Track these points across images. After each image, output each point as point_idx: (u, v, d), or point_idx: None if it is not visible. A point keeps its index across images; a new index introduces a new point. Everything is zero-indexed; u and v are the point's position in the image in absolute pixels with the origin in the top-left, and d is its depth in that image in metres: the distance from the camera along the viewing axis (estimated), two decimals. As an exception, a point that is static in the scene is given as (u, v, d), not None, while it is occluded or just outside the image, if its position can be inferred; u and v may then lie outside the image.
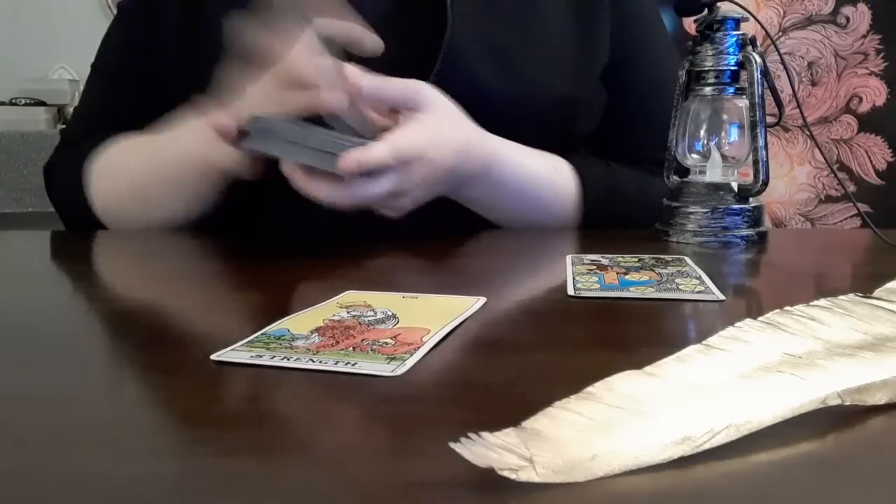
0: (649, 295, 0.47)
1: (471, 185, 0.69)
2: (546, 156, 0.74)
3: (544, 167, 0.74)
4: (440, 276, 0.60)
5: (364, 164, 0.57)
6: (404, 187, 0.61)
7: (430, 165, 0.62)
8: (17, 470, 0.25)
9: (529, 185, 0.72)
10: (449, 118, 0.66)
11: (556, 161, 0.75)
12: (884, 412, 0.29)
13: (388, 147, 0.59)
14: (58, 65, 2.44)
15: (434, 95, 0.64)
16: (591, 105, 0.81)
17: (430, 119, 0.63)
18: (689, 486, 0.24)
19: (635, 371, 0.28)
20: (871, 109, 1.16)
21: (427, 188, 0.64)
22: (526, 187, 0.72)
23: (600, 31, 0.79)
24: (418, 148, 0.61)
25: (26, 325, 0.44)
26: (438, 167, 0.63)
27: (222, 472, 0.25)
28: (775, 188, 1.19)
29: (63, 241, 0.77)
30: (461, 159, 0.65)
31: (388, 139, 0.59)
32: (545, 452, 0.24)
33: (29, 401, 0.32)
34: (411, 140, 0.61)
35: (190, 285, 0.56)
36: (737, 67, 0.68)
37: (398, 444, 0.27)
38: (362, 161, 0.56)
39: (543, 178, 0.74)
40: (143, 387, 0.35)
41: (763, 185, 0.66)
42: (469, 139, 0.67)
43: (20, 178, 1.91)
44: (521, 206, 0.73)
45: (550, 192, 0.74)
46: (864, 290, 0.38)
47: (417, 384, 0.33)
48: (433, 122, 0.63)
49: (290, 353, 0.36)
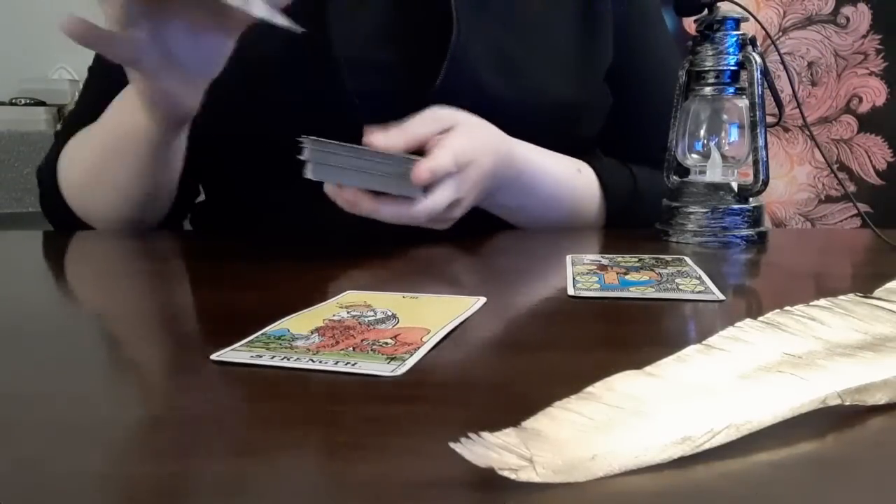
0: (649, 295, 0.47)
1: (504, 191, 0.70)
2: (569, 159, 0.75)
3: (568, 171, 0.75)
4: (440, 276, 0.60)
5: (436, 171, 0.58)
6: (461, 195, 0.63)
7: (480, 170, 0.64)
8: (17, 470, 0.25)
9: (556, 189, 0.73)
10: (481, 126, 0.67)
11: (579, 164, 0.76)
12: (884, 412, 0.29)
13: (450, 153, 0.60)
14: (58, 65, 2.44)
15: (456, 111, 0.65)
16: (596, 108, 0.81)
17: (467, 129, 0.64)
18: (689, 486, 0.24)
19: (635, 371, 0.28)
20: (871, 109, 1.16)
21: (475, 194, 0.65)
22: (553, 192, 0.73)
23: (604, 35, 0.79)
24: (470, 153, 0.62)
25: (25, 325, 0.44)
26: (486, 172, 0.65)
27: (222, 472, 0.25)
28: (775, 188, 1.19)
29: (62, 240, 0.77)
30: (501, 165, 0.67)
31: (445, 146, 0.60)
32: (545, 452, 0.24)
33: (28, 401, 0.32)
34: (465, 145, 0.62)
35: (190, 285, 0.56)
36: (737, 67, 0.68)
37: (398, 444, 0.27)
38: (434, 168, 0.57)
39: (569, 181, 0.74)
40: (143, 387, 0.35)
41: (763, 185, 0.66)
42: (502, 145, 0.68)
43: (20, 178, 1.91)
44: (548, 208, 0.74)
45: (575, 194, 0.75)
46: (864, 290, 0.38)
47: (417, 384, 0.33)
48: (472, 131, 0.64)
49: (290, 353, 0.35)
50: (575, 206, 0.75)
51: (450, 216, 0.64)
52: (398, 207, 0.60)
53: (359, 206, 0.60)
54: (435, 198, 0.60)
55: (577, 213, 0.76)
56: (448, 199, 0.61)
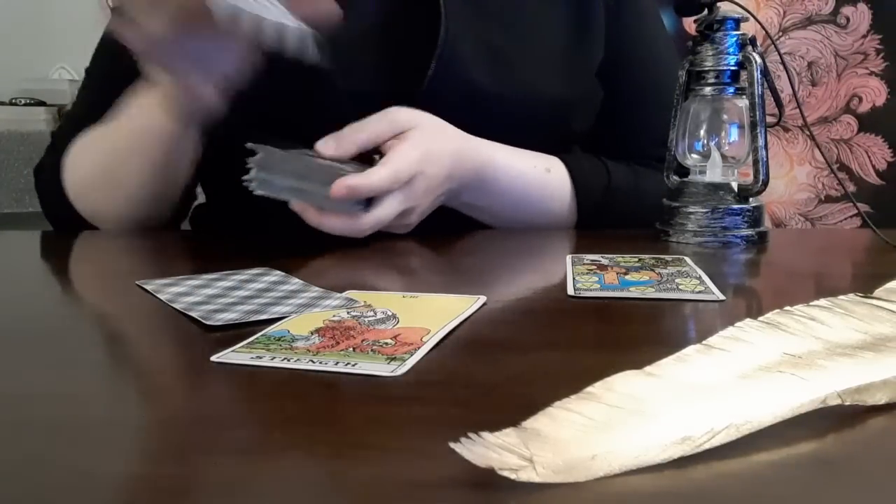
0: (649, 295, 0.47)
1: (467, 191, 0.70)
2: (539, 156, 0.75)
3: (536, 168, 0.74)
4: (440, 276, 0.60)
5: (356, 188, 0.58)
6: (409, 205, 0.63)
7: (428, 180, 0.64)
8: (16, 469, 0.25)
9: (522, 186, 0.73)
10: (436, 131, 0.67)
11: (550, 161, 0.75)
12: (884, 412, 0.29)
13: (387, 171, 0.60)
14: (58, 65, 2.43)
15: (414, 114, 0.66)
16: (587, 104, 0.81)
17: (419, 136, 0.64)
18: (689, 486, 0.24)
19: (635, 371, 0.28)
20: (871, 109, 1.16)
21: (429, 201, 0.66)
22: (519, 189, 0.73)
23: (595, 29, 0.79)
24: (415, 166, 0.62)
25: (25, 325, 0.44)
26: (436, 179, 0.65)
27: (222, 472, 0.25)
28: (775, 188, 1.19)
29: (62, 241, 0.77)
30: (455, 168, 0.67)
31: (384, 164, 0.61)
32: (545, 452, 0.24)
33: (28, 400, 0.32)
34: (407, 159, 0.62)
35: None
36: (737, 67, 0.68)
37: (398, 444, 0.27)
38: (355, 186, 0.58)
39: (537, 179, 0.74)
40: (143, 387, 0.35)
41: (763, 185, 0.66)
42: (460, 148, 0.68)
43: (20, 178, 1.91)
44: (516, 207, 0.74)
45: (545, 192, 0.75)
46: (864, 290, 0.38)
47: (417, 384, 0.33)
48: (423, 138, 0.64)
49: (291, 354, 0.36)
50: (545, 204, 0.75)
51: (405, 223, 0.65)
52: (342, 221, 0.60)
53: (304, 217, 0.61)
54: (378, 212, 0.61)
55: (547, 210, 0.75)
56: (394, 212, 0.62)
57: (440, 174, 0.65)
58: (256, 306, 0.44)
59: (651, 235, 0.69)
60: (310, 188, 0.59)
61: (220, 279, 0.51)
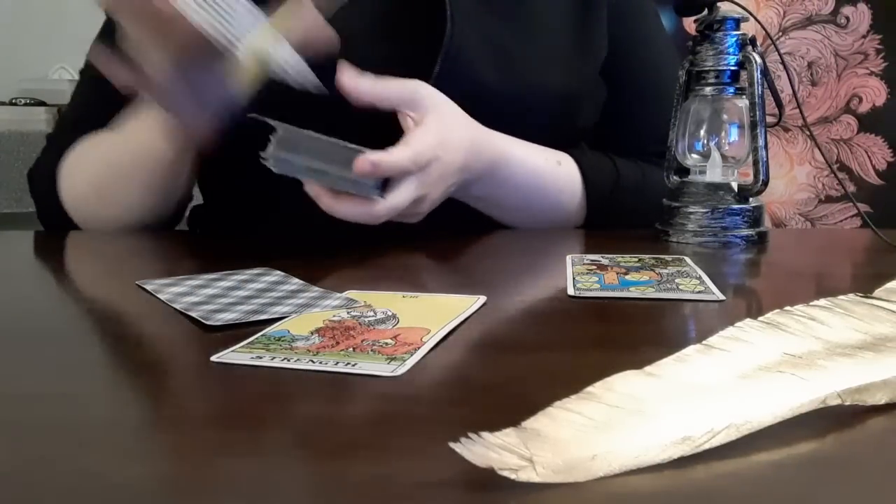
0: (649, 295, 0.47)
1: (479, 183, 0.69)
2: (549, 151, 0.75)
3: (547, 163, 0.74)
4: (440, 275, 0.60)
5: (380, 165, 0.57)
6: (424, 192, 0.62)
7: (443, 167, 0.63)
8: (16, 470, 0.25)
9: (534, 181, 0.73)
10: (455, 118, 0.66)
11: (559, 156, 0.76)
12: (884, 412, 0.29)
13: (409, 151, 0.59)
14: (58, 65, 2.43)
15: (435, 95, 0.65)
16: (591, 100, 0.81)
17: (438, 120, 0.63)
18: (689, 486, 0.24)
19: (635, 371, 0.28)
20: (871, 109, 1.16)
21: (441, 190, 0.65)
22: (531, 183, 0.73)
23: (598, 27, 0.79)
24: (433, 150, 0.61)
25: (25, 325, 0.44)
26: (451, 168, 0.64)
27: (222, 472, 0.25)
28: (775, 188, 1.19)
29: (61, 241, 0.77)
30: (470, 158, 0.66)
31: (405, 143, 0.60)
32: (545, 452, 0.24)
33: (28, 401, 0.32)
34: (425, 142, 0.61)
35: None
36: (737, 67, 0.68)
37: (398, 444, 0.27)
38: (378, 162, 0.57)
39: (548, 174, 0.74)
40: (143, 387, 0.35)
41: (763, 185, 0.66)
42: (476, 138, 0.67)
43: (20, 178, 1.90)
44: (527, 202, 0.74)
45: (555, 188, 0.75)
46: (864, 290, 0.38)
47: (417, 384, 0.33)
48: (442, 124, 0.63)
49: (291, 355, 0.36)
50: (555, 199, 0.75)
51: (416, 211, 0.63)
52: (357, 206, 0.59)
53: (319, 202, 0.59)
54: (394, 198, 0.59)
55: (557, 205, 0.75)
56: (409, 198, 0.60)
57: (455, 162, 0.64)
58: (256, 306, 0.44)
59: (651, 235, 0.69)
60: (329, 169, 0.57)
61: (220, 279, 0.51)
